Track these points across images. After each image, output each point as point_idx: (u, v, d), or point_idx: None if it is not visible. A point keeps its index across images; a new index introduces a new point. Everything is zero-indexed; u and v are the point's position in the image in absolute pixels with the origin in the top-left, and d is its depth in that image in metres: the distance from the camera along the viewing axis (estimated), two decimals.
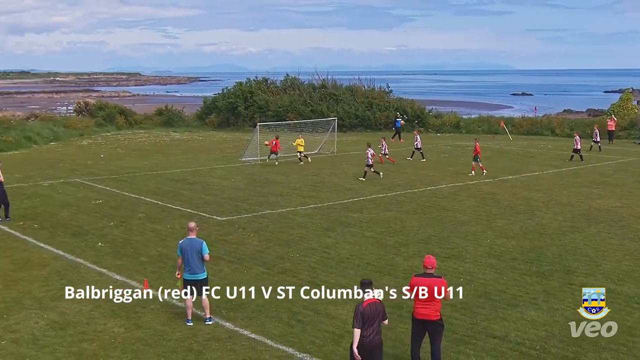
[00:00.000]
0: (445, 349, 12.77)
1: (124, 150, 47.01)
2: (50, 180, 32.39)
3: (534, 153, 44.50)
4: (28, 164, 38.39)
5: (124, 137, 57.03)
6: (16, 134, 49.96)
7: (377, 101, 64.49)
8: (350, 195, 28.57)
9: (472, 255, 19.26)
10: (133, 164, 38.47)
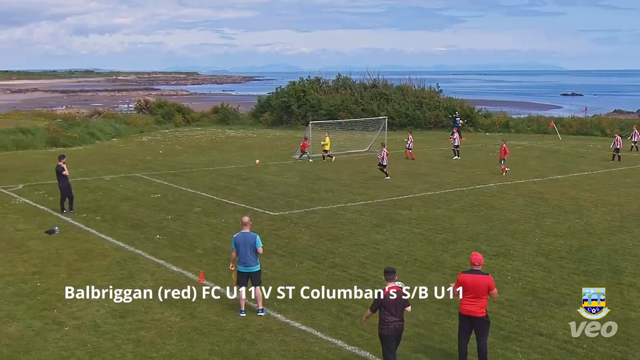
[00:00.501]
0: (492, 345, 12.65)
1: (182, 146, 47.61)
2: (112, 175, 33.01)
3: (583, 153, 43.66)
4: (91, 159, 39.19)
5: (182, 134, 57.76)
6: (80, 130, 51.09)
7: (427, 101, 64.00)
8: (400, 192, 28.45)
9: (520, 253, 19.01)
10: (190, 160, 38.95)
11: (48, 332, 13.25)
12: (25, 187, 29.13)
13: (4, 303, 14.84)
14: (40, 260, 18.07)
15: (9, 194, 27.55)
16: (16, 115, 70.68)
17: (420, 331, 13.35)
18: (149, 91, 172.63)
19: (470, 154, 42.13)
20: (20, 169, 34.38)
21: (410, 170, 34.91)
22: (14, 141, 44.62)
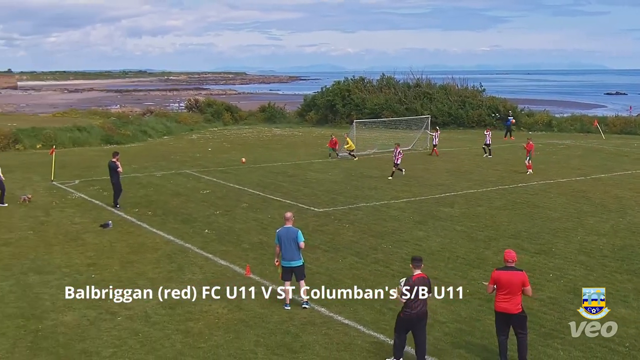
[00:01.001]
0: (533, 342, 12.48)
1: (230, 144, 47.98)
2: (163, 171, 33.45)
3: (627, 152, 42.70)
4: (143, 156, 39.77)
5: (230, 132, 58.22)
6: (133, 128, 51.86)
7: (470, 100, 63.36)
8: (442, 190, 28.23)
9: (562, 251, 18.71)
10: (237, 157, 39.20)
11: (102, 321, 13.50)
12: (81, 183, 29.70)
13: (62, 294, 15.13)
14: (95, 253, 18.41)
15: (66, 189, 28.14)
16: (73, 114, 72.01)
17: (462, 327, 13.25)
18: (199, 91, 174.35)
19: (513, 153, 41.54)
20: (76, 165, 35.06)
21: (452, 168, 34.60)
22: (71, 138, 45.52)
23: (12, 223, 21.98)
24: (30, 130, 46.02)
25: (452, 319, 13.65)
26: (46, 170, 31.07)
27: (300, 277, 14.04)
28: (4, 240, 19.80)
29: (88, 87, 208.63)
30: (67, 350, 12.21)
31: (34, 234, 20.51)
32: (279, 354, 12.06)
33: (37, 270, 16.83)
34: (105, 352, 12.09)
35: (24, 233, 20.64)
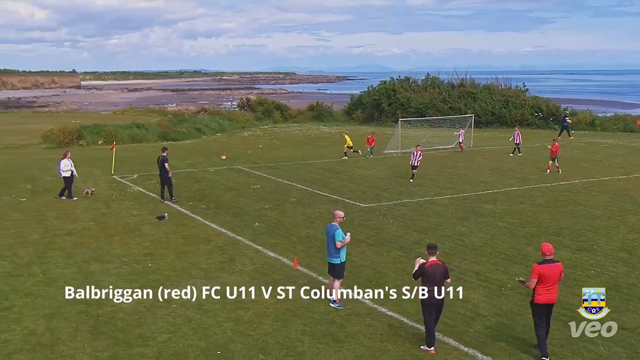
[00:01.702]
0: (573, 338, 12.25)
1: (280, 141, 48.22)
2: (216, 167, 33.80)
3: None
4: (198, 152, 40.26)
5: (280, 129, 58.49)
6: (188, 125, 52.50)
7: (513, 99, 62.41)
8: (484, 187, 27.90)
9: (603, 248, 18.32)
10: (287, 154, 39.41)
11: (157, 308, 13.72)
12: (139, 177, 30.24)
13: (120, 281, 15.46)
14: (152, 243, 18.73)
15: (126, 183, 28.69)
16: (132, 112, 73.56)
17: (503, 321, 13.09)
18: (251, 90, 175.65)
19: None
20: (135, 160, 35.69)
21: (495, 166, 34.15)
22: (130, 135, 46.36)
23: (75, 214, 22.52)
24: (92, 127, 47.09)
25: (494, 312, 13.50)
26: (107, 165, 31.72)
27: (336, 276, 13.78)
28: (68, 230, 20.30)
29: (146, 87, 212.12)
30: (125, 334, 12.46)
31: (96, 225, 20.97)
32: (324, 343, 12.09)
33: (98, 259, 17.21)
34: (160, 338, 12.30)
35: (86, 224, 21.12)
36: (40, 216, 22.30)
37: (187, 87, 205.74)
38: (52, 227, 20.77)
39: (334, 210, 14.52)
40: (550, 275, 11.31)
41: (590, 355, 11.63)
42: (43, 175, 30.55)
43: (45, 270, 16.27)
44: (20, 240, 19.17)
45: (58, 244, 18.68)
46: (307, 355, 11.61)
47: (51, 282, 15.39)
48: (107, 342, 12.13)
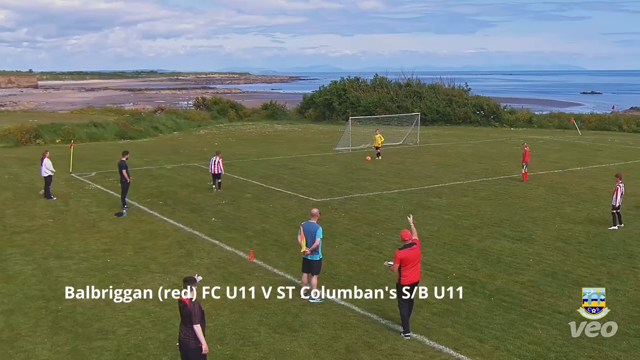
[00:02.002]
0: (514, 322, 12.56)
1: (235, 139, 47.94)
2: (173, 164, 33.43)
3: (601, 147, 42.70)
4: (155, 150, 39.73)
5: (235, 128, 58.15)
6: (145, 124, 51.74)
7: (457, 98, 63.38)
8: (431, 182, 28.25)
9: (541, 238, 18.75)
10: (242, 151, 39.20)
11: (117, 302, 13.50)
12: (97, 175, 29.71)
13: (80, 276, 15.18)
14: (110, 239, 18.43)
15: (84, 180, 28.15)
16: (90, 111, 72.07)
17: (449, 307, 13.28)
18: (206, 90, 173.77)
19: (496, 147, 41.62)
20: (93, 159, 35.04)
21: (440, 162, 34.62)
22: (88, 134, 45.47)
23: (34, 212, 22.00)
24: (50, 126, 45.99)
25: (440, 300, 13.67)
26: (65, 163, 31.05)
27: (315, 272, 13.66)
28: (27, 227, 19.82)
29: (103, 87, 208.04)
30: (85, 329, 12.25)
31: (54, 222, 20.52)
32: (280, 332, 12.10)
33: (57, 256, 16.86)
34: (120, 331, 12.13)
35: (44, 221, 20.66)
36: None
37: (144, 87, 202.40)
38: (11, 224, 20.24)
39: (311, 209, 14.29)
40: (410, 257, 11.83)
41: (529, 337, 11.88)
42: (1, 174, 29.74)
43: (4, 267, 15.86)
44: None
45: (17, 242, 18.21)
46: (264, 345, 11.61)
47: (10, 279, 15.00)
48: (67, 337, 11.90)
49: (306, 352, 11.32)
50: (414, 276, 11.93)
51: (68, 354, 11.25)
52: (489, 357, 11.14)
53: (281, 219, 21.09)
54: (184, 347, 9.53)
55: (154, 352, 11.30)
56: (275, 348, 11.48)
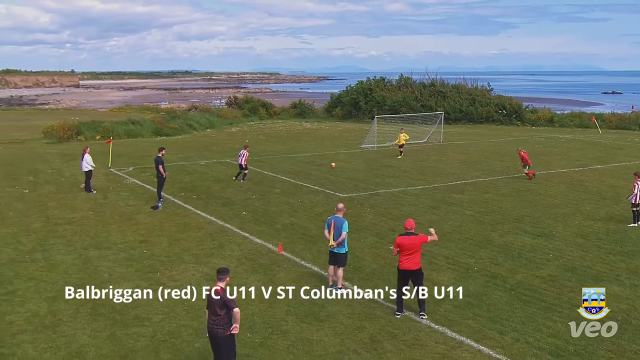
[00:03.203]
0: (534, 315, 12.45)
1: (265, 136, 48.07)
2: (206, 160, 33.64)
3: (622, 145, 41.95)
4: (189, 147, 40.03)
5: (265, 125, 58.30)
6: (180, 122, 52.14)
7: (480, 98, 62.76)
8: (454, 178, 28.05)
9: (561, 234, 18.51)
10: (272, 148, 39.32)
11: (153, 291, 13.64)
12: (134, 170, 30.03)
13: (117, 266, 15.38)
14: (146, 231, 18.63)
15: (122, 175, 28.48)
16: (128, 109, 72.98)
17: (471, 301, 13.19)
18: (238, 89, 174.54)
19: (518, 145, 41.11)
20: (130, 154, 35.43)
21: (463, 159, 34.34)
22: (126, 131, 45.97)
23: (75, 204, 22.33)
24: (90, 123, 46.69)
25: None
26: (104, 158, 31.46)
27: (341, 264, 13.63)
28: (68, 219, 20.14)
29: (141, 86, 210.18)
30: (122, 316, 12.41)
31: (94, 214, 20.81)
32: (307, 322, 12.13)
33: (96, 246, 17.09)
34: (155, 318, 12.27)
35: (85, 213, 20.95)
36: (41, 206, 22.08)
37: (179, 87, 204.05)
38: (53, 216, 20.58)
39: (337, 204, 14.27)
40: (408, 245, 12.13)
41: (548, 331, 11.74)
42: (45, 168, 30.25)
43: (47, 257, 16.13)
44: (23, 229, 18.98)
45: (59, 232, 18.52)
46: (291, 333, 11.64)
47: (52, 268, 15.27)
48: (105, 323, 12.07)
49: (332, 341, 11.34)
50: (410, 264, 12.15)
51: (106, 339, 11.41)
52: (509, 349, 11.05)
53: (309, 213, 21.12)
54: (214, 336, 9.53)
55: (187, 339, 11.41)
56: (302, 337, 11.51)
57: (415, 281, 12.24)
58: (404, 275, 12.25)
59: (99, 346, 11.16)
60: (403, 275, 12.27)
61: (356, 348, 11.09)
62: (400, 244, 12.21)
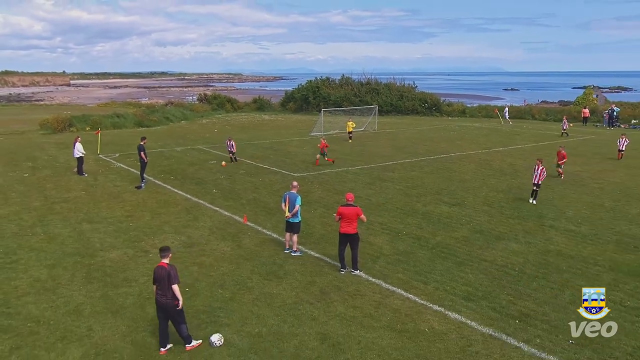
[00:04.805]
0: (450, 268, 12.75)
1: (231, 127, 47.41)
2: (181, 147, 33.01)
3: (518, 132, 43.08)
4: (166, 136, 39.18)
5: (231, 117, 57.48)
6: (159, 115, 50.83)
7: (406, 94, 63.20)
8: (386, 160, 28.32)
9: (471, 203, 18.97)
10: (237, 136, 38.71)
11: (138, 257, 13.45)
12: (120, 156, 29.24)
13: (108, 237, 15.04)
14: (132, 207, 18.24)
15: (109, 160, 27.71)
16: (113, 105, 70.76)
17: (400, 258, 13.43)
18: (207, 87, 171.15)
19: (437, 132, 41.82)
20: (116, 143, 34.45)
21: (393, 144, 34.68)
22: (112, 123, 44.57)
23: (69, 186, 21.65)
24: (81, 117, 45.04)
25: (393, 252, 13.84)
26: (94, 146, 30.52)
27: (295, 231, 13.65)
28: (64, 198, 19.53)
29: (124, 85, 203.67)
30: (113, 278, 12.18)
31: (86, 194, 20.23)
32: (268, 279, 12.15)
33: (89, 221, 16.65)
34: (141, 280, 12.08)
35: (78, 193, 20.35)
36: (40, 188, 21.32)
37: (157, 85, 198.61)
38: (51, 196, 19.92)
39: (292, 182, 14.23)
40: (348, 214, 12.18)
41: (462, 280, 12.07)
42: (42, 155, 29.16)
43: (46, 231, 15.64)
44: (25, 207, 18.32)
45: (56, 210, 17.95)
46: (255, 289, 11.65)
47: (51, 240, 14.82)
48: (98, 285, 11.82)
49: (289, 294, 11.40)
50: (349, 229, 12.25)
51: (99, 298, 11.19)
52: (431, 296, 11.33)
53: (268, 190, 21.05)
54: (165, 306, 9.03)
55: None
56: (265, 291, 11.53)
57: (353, 243, 12.33)
58: (344, 238, 12.34)
59: (93, 304, 10.94)
60: (343, 238, 12.36)
61: (309, 299, 11.18)
62: (341, 212, 12.27)
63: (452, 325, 10.08)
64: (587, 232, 15.62)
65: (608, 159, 28.96)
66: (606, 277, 12.31)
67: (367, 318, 10.35)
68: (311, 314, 10.53)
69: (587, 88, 66.95)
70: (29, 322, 10.19)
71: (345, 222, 12.24)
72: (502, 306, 10.87)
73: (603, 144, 35.30)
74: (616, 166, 26.74)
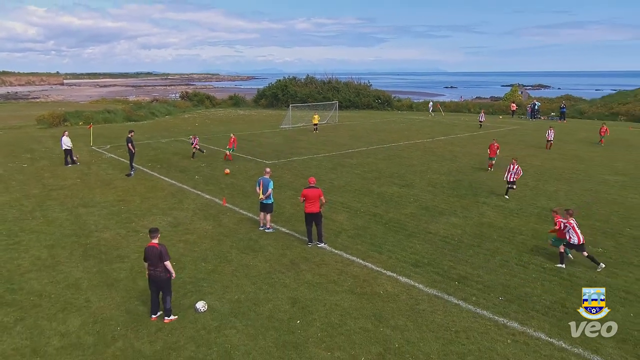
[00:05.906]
0: (401, 240, 12.94)
1: (210, 121, 46.63)
2: (166, 139, 32.32)
3: (457, 123, 43.85)
4: (153, 129, 38.27)
5: (210, 113, 56.51)
6: (145, 110, 49.58)
7: (362, 91, 63.29)
8: (346, 148, 28.41)
9: (418, 184, 19.25)
10: (215, 129, 38.27)
11: (130, 236, 13.19)
12: (111, 147, 28.42)
13: (102, 219, 14.68)
14: (123, 192, 17.81)
15: (101, 152, 26.91)
16: (104, 102, 68.49)
17: (359, 232, 13.56)
18: (188, 86, 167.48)
19: (389, 125, 42.14)
20: (107, 136, 33.47)
21: (352, 135, 34.78)
22: (103, 118, 43.21)
23: (65, 174, 20.96)
24: (74, 113, 43.49)
25: (353, 227, 13.96)
26: (87, 139, 29.56)
27: (268, 211, 13.57)
28: (60, 185, 18.91)
29: (113, 84, 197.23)
30: (107, 255, 11.92)
31: (81, 182, 19.64)
32: (245, 253, 12.11)
33: (84, 205, 16.20)
34: (133, 256, 11.87)
35: (74, 181, 19.74)
36: (38, 177, 20.57)
37: (143, 84, 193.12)
38: (48, 184, 19.25)
39: (265, 168, 14.21)
40: (311, 195, 12.09)
41: (411, 250, 12.30)
42: (39, 148, 28.07)
43: (45, 215, 15.14)
44: (25, 194, 17.66)
45: (53, 196, 17.37)
46: (234, 262, 11.60)
47: (50, 223, 14.36)
48: (94, 262, 11.56)
49: (263, 265, 11.40)
50: (313, 208, 12.17)
51: (96, 274, 10.95)
52: (385, 264, 11.51)
53: (244, 175, 20.86)
54: (157, 280, 8.98)
55: None
56: (243, 263, 11.50)
57: (317, 220, 12.29)
58: (309, 216, 12.30)
59: (90, 279, 10.70)
60: (308, 217, 12.32)
61: (281, 269, 11.21)
62: (305, 194, 12.19)
63: (402, 288, 10.28)
64: (513, 207, 16.09)
65: (531, 146, 29.77)
66: (529, 244, 12.75)
67: (331, 284, 10.46)
68: (283, 281, 10.56)
69: (513, 86, 68.52)
70: (31, 296, 9.90)
71: (309, 202, 12.17)
72: (444, 270, 11.14)
73: (527, 133, 36.26)
74: (537, 152, 27.55)
